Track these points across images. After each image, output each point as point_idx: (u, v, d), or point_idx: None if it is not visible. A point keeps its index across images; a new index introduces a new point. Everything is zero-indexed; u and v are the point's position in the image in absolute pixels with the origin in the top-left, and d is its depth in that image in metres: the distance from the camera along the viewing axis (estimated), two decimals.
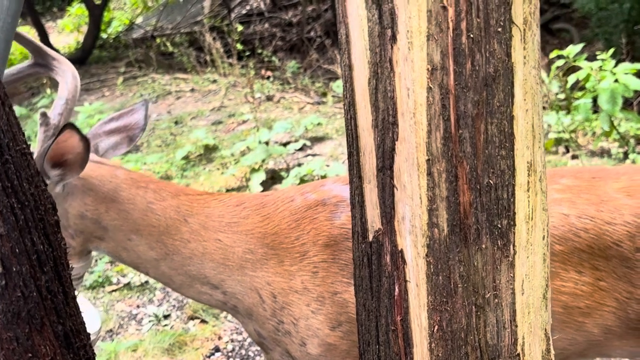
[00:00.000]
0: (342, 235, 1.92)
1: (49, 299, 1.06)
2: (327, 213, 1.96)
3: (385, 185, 1.27)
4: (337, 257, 1.91)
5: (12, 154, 1.02)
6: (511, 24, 1.15)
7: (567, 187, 1.91)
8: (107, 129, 2.34)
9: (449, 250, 1.21)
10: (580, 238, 1.82)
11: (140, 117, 2.38)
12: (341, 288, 1.90)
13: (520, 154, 1.20)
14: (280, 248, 1.98)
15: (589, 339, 1.89)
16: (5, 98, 1.05)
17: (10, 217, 0.99)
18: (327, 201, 1.99)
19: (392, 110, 1.21)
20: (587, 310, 1.84)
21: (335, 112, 7.98)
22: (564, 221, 1.83)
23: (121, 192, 2.11)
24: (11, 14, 1.88)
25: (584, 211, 1.85)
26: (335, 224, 1.94)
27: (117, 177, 2.13)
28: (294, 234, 1.98)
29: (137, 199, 2.10)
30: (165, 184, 2.18)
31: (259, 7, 14.41)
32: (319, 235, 1.94)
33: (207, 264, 2.06)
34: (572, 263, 1.83)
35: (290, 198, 2.05)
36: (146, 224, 2.09)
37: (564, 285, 1.82)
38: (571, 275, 1.83)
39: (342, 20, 1.30)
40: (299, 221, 1.99)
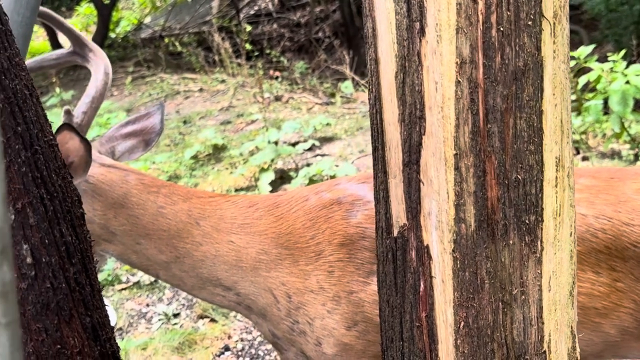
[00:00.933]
0: (358, 234, 1.90)
1: (77, 290, 1.05)
2: (343, 212, 1.95)
3: (412, 180, 1.26)
4: (353, 256, 1.90)
5: (40, 144, 1.01)
6: (541, 17, 1.14)
7: (586, 187, 1.89)
8: (123, 132, 2.34)
9: (476, 246, 1.20)
10: (598, 239, 1.80)
11: (157, 121, 2.38)
12: (357, 287, 1.88)
13: (549, 149, 1.19)
14: (294, 248, 1.97)
15: (605, 339, 1.87)
16: (32, 89, 1.05)
17: (40, 207, 0.99)
18: (343, 200, 1.97)
19: (420, 104, 1.20)
20: (603, 311, 1.82)
21: (344, 113, 7.98)
22: (582, 221, 1.81)
23: (131, 198, 2.09)
24: (30, 9, 1.88)
25: (602, 212, 1.83)
26: (351, 223, 1.92)
27: (127, 183, 2.11)
28: (309, 233, 1.96)
29: (147, 204, 2.09)
30: (177, 187, 2.16)
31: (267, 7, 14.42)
32: (335, 234, 1.93)
33: (219, 266, 2.05)
34: (589, 263, 1.81)
35: (304, 197, 2.04)
36: (156, 229, 2.08)
37: (581, 286, 1.80)
38: (588, 275, 1.81)
39: (368, 14, 1.29)
40: (314, 220, 1.97)
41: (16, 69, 0.97)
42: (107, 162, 2.18)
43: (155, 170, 6.67)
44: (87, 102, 2.25)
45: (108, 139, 2.30)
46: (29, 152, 0.98)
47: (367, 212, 1.89)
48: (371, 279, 1.85)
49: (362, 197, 1.93)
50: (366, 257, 1.87)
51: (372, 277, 1.85)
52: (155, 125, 2.38)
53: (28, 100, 0.99)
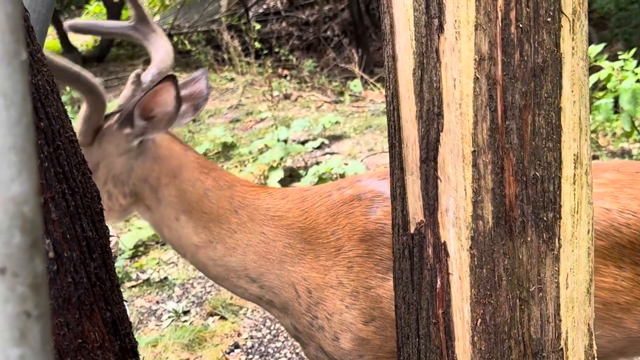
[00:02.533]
0: (377, 230, 1.91)
1: (97, 285, 1.06)
2: (363, 208, 1.96)
3: (429, 176, 1.26)
4: (372, 252, 1.91)
5: (62, 140, 1.02)
6: (560, 14, 1.13)
7: (610, 181, 1.87)
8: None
9: (493, 243, 1.20)
10: (622, 233, 1.79)
11: (203, 86, 2.38)
12: (375, 283, 1.89)
13: (567, 146, 1.19)
14: (316, 243, 1.98)
15: (628, 335, 1.86)
16: (54, 85, 1.05)
17: (62, 202, 0.99)
18: (363, 196, 1.98)
19: (438, 101, 1.20)
20: (626, 307, 1.81)
21: (353, 111, 7.98)
22: (606, 216, 1.80)
23: (185, 172, 2.13)
24: (46, 6, 1.89)
25: (626, 206, 1.81)
26: (370, 219, 1.93)
27: (186, 157, 2.15)
28: (330, 228, 1.98)
29: (197, 184, 2.12)
30: (225, 173, 2.18)
31: (276, 6, 14.41)
32: (355, 230, 1.93)
33: (249, 256, 2.06)
34: (612, 258, 1.79)
35: (327, 193, 2.06)
36: (199, 209, 2.11)
37: (604, 281, 1.79)
38: (611, 270, 1.79)
39: (386, 11, 1.29)
40: (335, 216, 1.98)
41: (38, 65, 0.98)
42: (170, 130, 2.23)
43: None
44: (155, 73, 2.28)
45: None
46: (51, 148, 0.98)
47: (387, 208, 1.90)
48: (390, 275, 1.85)
49: (382, 194, 1.94)
50: (385, 253, 1.88)
51: (390, 273, 1.85)
52: (202, 90, 2.38)
53: (50, 96, 1.00)
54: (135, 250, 5.00)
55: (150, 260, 4.86)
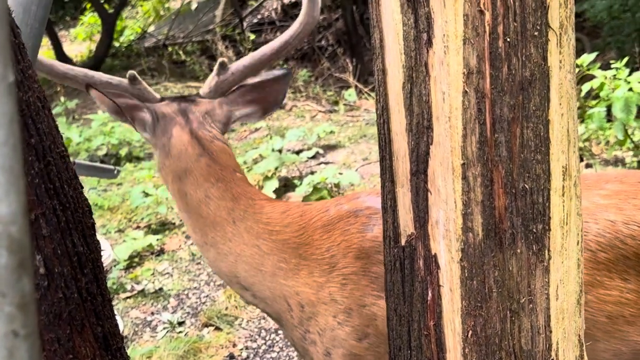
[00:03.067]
0: (373, 248, 1.90)
1: (88, 300, 1.06)
2: (359, 225, 1.95)
3: (419, 189, 1.27)
4: (368, 270, 1.90)
5: (53, 156, 1.02)
6: (548, 28, 1.15)
7: (614, 193, 1.85)
8: (247, 98, 2.29)
9: (483, 255, 1.21)
10: (627, 245, 1.77)
11: (281, 90, 2.31)
12: (370, 301, 1.88)
13: (556, 158, 1.20)
14: (311, 259, 1.98)
15: (634, 348, 1.82)
16: (45, 101, 1.06)
17: (52, 218, 1.00)
18: (360, 213, 1.97)
19: (427, 114, 1.21)
20: (631, 319, 1.79)
21: (347, 121, 8.00)
22: (611, 228, 1.78)
23: (190, 176, 2.15)
24: (39, 20, 1.90)
25: (631, 217, 1.79)
26: (366, 237, 1.92)
27: (197, 162, 2.15)
28: (325, 245, 1.97)
29: (199, 189, 2.13)
30: (236, 185, 2.16)
31: (271, 16, 14.46)
32: (350, 247, 1.93)
33: (240, 266, 2.08)
34: (617, 271, 1.77)
35: (325, 208, 2.05)
36: (196, 212, 2.14)
37: (609, 294, 1.77)
38: (616, 283, 1.77)
39: (375, 25, 1.30)
40: (330, 232, 1.98)
41: (29, 81, 0.99)
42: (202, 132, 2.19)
43: (159, 179, 6.69)
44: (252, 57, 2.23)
45: (230, 102, 2.27)
46: (42, 164, 0.99)
47: None
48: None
49: (380, 211, 1.94)
50: (381, 271, 1.86)
51: None
52: (279, 94, 2.31)
53: (41, 112, 1.00)
54: (130, 261, 5.00)
55: (145, 271, 4.86)
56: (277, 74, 2.28)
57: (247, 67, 2.18)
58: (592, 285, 1.74)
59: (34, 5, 1.86)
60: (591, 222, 1.78)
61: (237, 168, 2.20)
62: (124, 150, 7.71)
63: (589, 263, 1.74)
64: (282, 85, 2.29)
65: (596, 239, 1.77)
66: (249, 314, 4.19)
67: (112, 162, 7.56)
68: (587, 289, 1.72)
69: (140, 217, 5.83)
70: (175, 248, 5.22)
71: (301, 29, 2.15)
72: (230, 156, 2.20)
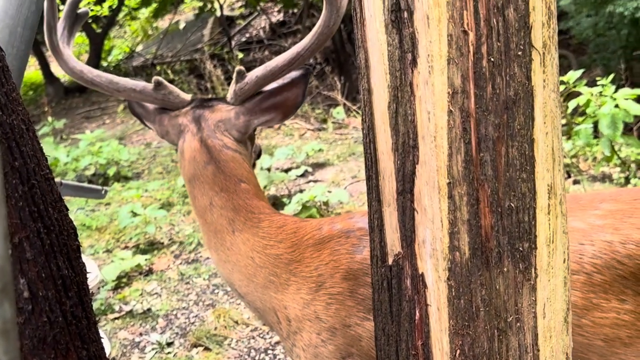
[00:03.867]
0: (361, 270, 1.89)
1: (73, 324, 1.05)
2: (349, 246, 1.94)
3: (406, 208, 1.27)
4: (355, 291, 1.89)
5: (37, 179, 1.02)
6: (531, 47, 1.15)
7: (609, 212, 1.82)
8: (264, 105, 2.25)
9: (470, 274, 1.21)
10: (625, 265, 1.73)
11: (300, 92, 2.25)
12: (354, 322, 1.88)
13: (541, 176, 1.20)
14: (300, 276, 1.98)
15: None
16: (29, 124, 1.05)
17: (37, 241, 0.99)
18: (351, 234, 1.97)
19: (413, 133, 1.22)
20: (628, 341, 1.74)
21: (336, 139, 8.01)
22: (608, 249, 1.74)
23: (196, 181, 2.18)
24: (24, 42, 1.90)
25: (628, 237, 1.75)
26: (355, 258, 1.91)
27: (203, 169, 2.17)
28: (314, 263, 1.97)
29: (204, 197, 2.17)
30: (238, 195, 2.16)
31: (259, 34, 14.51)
32: (338, 267, 1.92)
33: (235, 274, 2.12)
34: (614, 292, 1.73)
35: (319, 226, 2.06)
36: (203, 217, 2.18)
37: (606, 317, 1.73)
38: (613, 304, 1.73)
39: (361, 45, 1.31)
40: (320, 251, 1.98)
41: (13, 104, 0.98)
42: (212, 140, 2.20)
43: (147, 198, 6.67)
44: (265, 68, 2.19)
45: (248, 111, 2.25)
46: (25, 187, 0.98)
47: None
48: (372, 315, 1.84)
49: None
50: (368, 294, 1.85)
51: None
52: (298, 96, 2.26)
53: (25, 135, 1.00)
54: (118, 281, 4.96)
55: (134, 291, 4.83)
56: (294, 76, 2.23)
57: (260, 77, 2.17)
58: (587, 308, 1.71)
59: (19, 27, 1.86)
60: (587, 244, 1.75)
61: (246, 178, 2.18)
62: (112, 170, 7.68)
63: (584, 286, 1.71)
64: (300, 86, 2.25)
65: (592, 260, 1.73)
66: (238, 333, 4.17)
67: (100, 182, 7.54)
68: (582, 313, 1.70)
69: (129, 237, 5.80)
70: (164, 268, 5.19)
71: (315, 40, 2.12)
72: (239, 165, 2.18)
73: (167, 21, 16.43)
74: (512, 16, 1.13)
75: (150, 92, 2.24)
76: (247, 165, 2.23)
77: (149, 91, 2.24)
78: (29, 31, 1.92)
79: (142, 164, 8.33)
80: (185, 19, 16.16)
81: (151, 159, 8.45)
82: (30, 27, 1.92)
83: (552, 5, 1.18)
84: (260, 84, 2.18)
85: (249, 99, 2.23)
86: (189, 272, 5.04)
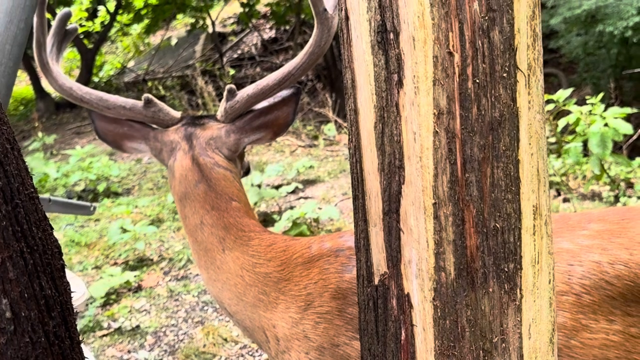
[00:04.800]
0: (351, 290, 1.88)
1: (56, 344, 1.04)
2: (338, 265, 1.94)
3: (392, 228, 1.27)
4: (343, 311, 1.89)
5: (21, 198, 1.01)
6: (516, 69, 1.16)
7: (597, 233, 1.81)
8: (255, 124, 2.25)
9: (456, 294, 1.21)
10: (613, 286, 1.72)
11: (290, 111, 2.26)
12: (343, 341, 1.87)
13: (526, 197, 1.21)
14: (289, 294, 1.98)
15: None
16: (14, 143, 1.05)
17: (20, 261, 0.98)
18: (340, 253, 1.97)
19: (399, 153, 1.22)
20: None
21: (327, 155, 8.02)
22: (596, 269, 1.74)
23: (186, 200, 2.18)
24: (13, 59, 1.90)
25: (617, 257, 1.75)
26: (344, 278, 1.91)
27: (194, 188, 2.17)
28: (303, 282, 1.97)
29: (195, 215, 2.16)
30: (228, 213, 2.16)
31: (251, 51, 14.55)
32: (327, 287, 1.92)
33: (225, 293, 2.11)
34: (602, 312, 1.73)
35: (308, 245, 2.05)
36: (192, 236, 2.18)
37: (594, 338, 1.72)
38: (602, 325, 1.72)
39: (347, 66, 1.31)
40: (310, 270, 1.98)
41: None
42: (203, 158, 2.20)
43: (137, 215, 6.65)
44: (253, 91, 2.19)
45: (238, 129, 2.24)
46: (9, 206, 0.98)
47: None
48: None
49: None
50: (357, 313, 1.85)
51: None
52: (289, 115, 2.26)
53: (9, 154, 1.00)
54: (107, 298, 4.94)
55: (122, 308, 4.80)
56: (285, 95, 2.24)
57: (250, 96, 2.17)
58: (576, 329, 1.71)
59: (8, 44, 1.86)
60: (576, 265, 1.74)
61: (236, 196, 2.18)
62: (101, 185, 7.67)
63: (573, 307, 1.71)
64: (291, 105, 2.25)
65: (581, 281, 1.73)
66: (227, 351, 4.15)
67: (90, 198, 7.52)
68: (571, 334, 1.70)
69: (118, 253, 5.78)
70: (153, 285, 5.17)
71: (306, 59, 2.12)
72: (230, 183, 2.18)
73: (159, 37, 16.47)
74: (498, 38, 1.14)
75: (140, 110, 2.23)
76: (238, 183, 2.23)
77: (139, 108, 2.23)
78: (17, 48, 1.91)
79: (132, 180, 8.32)
80: (177, 35, 16.21)
81: (141, 175, 8.43)
82: (19, 44, 1.92)
83: (537, 28, 1.19)
84: (251, 102, 2.18)
85: (240, 117, 2.23)
86: (178, 289, 5.03)
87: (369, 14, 1.22)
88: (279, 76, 2.15)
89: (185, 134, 2.22)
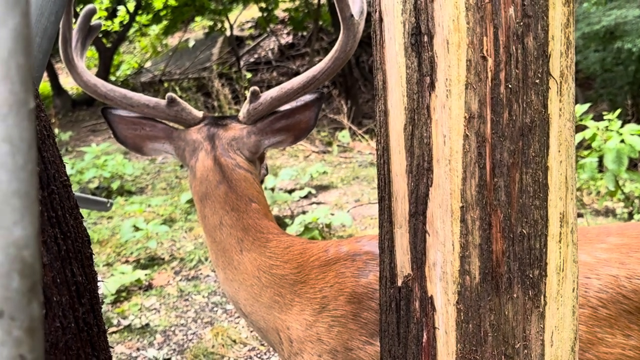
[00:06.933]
0: (366, 294, 1.88)
1: (85, 330, 1.05)
2: (355, 269, 1.94)
3: (417, 230, 1.27)
4: (358, 315, 1.88)
5: (57, 185, 1.03)
6: (549, 76, 1.17)
7: (615, 246, 1.81)
8: (276, 126, 2.25)
9: (480, 299, 1.21)
10: (630, 300, 1.72)
11: (312, 116, 2.25)
12: (356, 345, 1.87)
13: (554, 204, 1.21)
14: (305, 297, 1.98)
15: None
16: (50, 131, 1.06)
17: (53, 247, 0.99)
18: (357, 257, 1.96)
19: (428, 156, 1.22)
20: None
21: (341, 162, 8.03)
22: (614, 283, 1.74)
23: (207, 200, 2.17)
24: (42, 51, 1.92)
25: (634, 271, 1.75)
26: (360, 282, 1.91)
27: (215, 188, 2.17)
28: (319, 285, 1.97)
29: (214, 215, 2.16)
30: (246, 215, 2.16)
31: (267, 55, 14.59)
32: (342, 290, 1.92)
33: (241, 294, 2.11)
34: (619, 327, 1.72)
35: (325, 248, 2.05)
36: (211, 235, 2.17)
37: (610, 352, 1.71)
38: (618, 340, 1.72)
39: (379, 67, 1.32)
40: (326, 273, 1.98)
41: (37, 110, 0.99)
42: (225, 159, 2.20)
43: (150, 213, 6.67)
44: (281, 90, 2.19)
45: (259, 131, 2.24)
46: (45, 192, 0.99)
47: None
48: (374, 340, 1.83)
49: (377, 257, 1.92)
50: (371, 318, 1.85)
51: (375, 338, 1.83)
52: (310, 119, 2.26)
53: (46, 141, 1.01)
54: (117, 295, 4.95)
55: (133, 305, 4.81)
56: (308, 99, 2.23)
57: (274, 99, 2.18)
58: (592, 342, 1.70)
59: (38, 37, 1.88)
60: (593, 278, 1.74)
61: (256, 198, 2.18)
62: (115, 183, 7.70)
63: (590, 320, 1.70)
64: (313, 110, 2.25)
65: (598, 295, 1.72)
66: (235, 352, 4.15)
67: (104, 196, 7.54)
68: (587, 347, 1.69)
69: (130, 251, 5.79)
70: (164, 284, 5.18)
71: (331, 64, 2.12)
72: (250, 185, 2.19)
73: (176, 39, 16.54)
74: (531, 44, 1.15)
75: (163, 108, 2.24)
76: (258, 185, 2.23)
77: (162, 107, 2.24)
78: (47, 41, 1.93)
79: (146, 179, 8.35)
80: (195, 38, 16.28)
81: (155, 175, 8.46)
82: (49, 38, 1.94)
83: (571, 36, 1.19)
84: (275, 105, 2.19)
85: (262, 119, 2.23)
86: (188, 289, 5.03)
87: (403, 16, 1.22)
88: (304, 80, 2.15)
89: (208, 134, 2.22)
